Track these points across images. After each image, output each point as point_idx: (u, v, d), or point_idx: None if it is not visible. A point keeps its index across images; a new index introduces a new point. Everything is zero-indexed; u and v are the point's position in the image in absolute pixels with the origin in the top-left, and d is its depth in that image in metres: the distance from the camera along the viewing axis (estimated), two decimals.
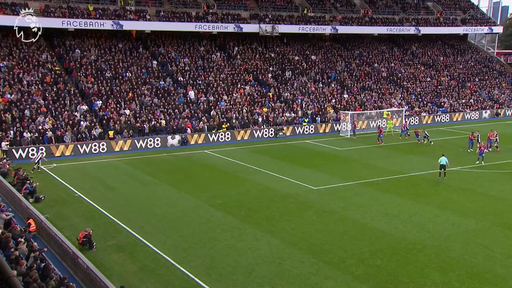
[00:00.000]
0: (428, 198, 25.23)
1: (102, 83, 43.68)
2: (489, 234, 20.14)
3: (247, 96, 48.01)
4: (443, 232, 20.43)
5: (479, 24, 69.32)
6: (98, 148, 36.81)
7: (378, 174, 30.05)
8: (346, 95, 52.34)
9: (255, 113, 45.56)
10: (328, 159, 35.04)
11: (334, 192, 26.48)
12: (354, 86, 54.57)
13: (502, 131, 46.01)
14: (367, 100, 52.19)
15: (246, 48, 56.04)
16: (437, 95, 57.52)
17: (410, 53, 66.28)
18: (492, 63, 68.82)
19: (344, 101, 51.02)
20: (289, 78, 53.03)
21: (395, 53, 64.99)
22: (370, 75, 58.00)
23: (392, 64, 61.84)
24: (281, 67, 54.37)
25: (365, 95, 53.16)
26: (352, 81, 55.66)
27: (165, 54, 50.78)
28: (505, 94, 61.27)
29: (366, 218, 22.12)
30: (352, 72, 57.55)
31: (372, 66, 60.06)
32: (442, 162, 28.90)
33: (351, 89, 53.76)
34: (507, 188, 26.84)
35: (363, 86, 55.27)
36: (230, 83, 49.07)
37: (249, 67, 52.71)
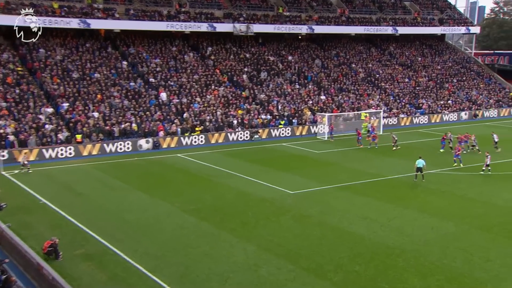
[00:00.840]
0: (406, 201, 25.64)
1: (69, 84, 43.02)
2: (468, 238, 20.59)
3: (221, 98, 47.97)
4: (422, 236, 20.79)
5: (456, 24, 70.97)
6: (65, 152, 36.23)
7: (356, 177, 30.38)
8: (323, 96, 52.82)
9: (230, 115, 45.54)
10: (305, 162, 35.24)
11: (311, 196, 26.64)
12: (331, 87, 55.14)
13: (480, 133, 47.16)
14: (345, 102, 52.78)
15: (220, 48, 56.03)
16: (415, 96, 58.57)
17: (388, 53, 67.37)
18: (470, 64, 70.50)
19: (321, 102, 51.46)
20: (264, 79, 53.22)
21: (373, 54, 65.97)
22: (347, 75, 58.70)
23: (369, 64, 62.74)
24: (257, 68, 54.54)
25: (342, 97, 53.75)
26: (329, 82, 56.22)
27: (136, 54, 50.35)
28: (483, 95, 62.82)
29: (344, 223, 22.34)
30: (329, 73, 58.14)
31: (349, 67, 60.81)
32: (419, 164, 29.37)
33: (328, 90, 54.30)
34: (485, 191, 27.50)
35: (340, 87, 55.88)
36: (203, 85, 48.95)
37: (223, 68, 52.70)
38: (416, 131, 48.21)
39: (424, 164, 29.25)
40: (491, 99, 62.05)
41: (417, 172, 29.37)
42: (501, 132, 47.61)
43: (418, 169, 29.30)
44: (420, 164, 29.25)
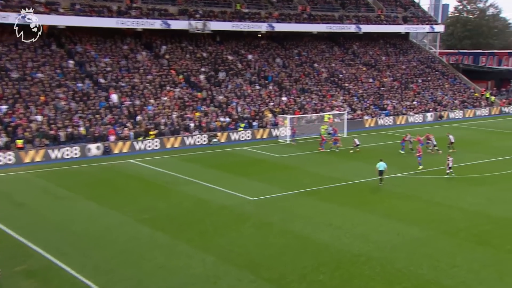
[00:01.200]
0: (372, 206, 26.14)
1: (8, 85, 41.71)
2: (435, 243, 21.16)
3: (177, 99, 47.64)
4: (388, 242, 21.23)
5: (420, 23, 73.09)
6: (3, 159, 35.11)
7: (319, 182, 30.74)
8: (284, 97, 53.25)
9: (186, 118, 45.28)
10: (266, 166, 35.40)
11: (273, 202, 26.77)
12: (293, 88, 55.67)
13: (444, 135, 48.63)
14: (307, 103, 53.37)
15: (175, 47, 55.66)
16: (380, 97, 59.88)
17: (351, 52, 68.65)
18: (434, 64, 72.70)
19: (282, 104, 51.85)
20: (223, 79, 53.21)
21: (336, 53, 67.07)
22: (309, 76, 59.41)
23: (332, 64, 63.73)
24: (214, 68, 54.46)
25: (304, 98, 54.34)
26: (291, 82, 56.75)
27: (83, 52, 49.35)
28: (448, 96, 64.90)
29: (308, 230, 22.55)
30: (291, 73, 58.70)
31: (311, 67, 61.58)
32: (380, 167, 29.97)
33: (290, 91, 54.79)
34: (451, 194, 28.36)
35: (302, 87, 56.50)
36: (157, 86, 48.48)
37: (178, 68, 52.36)
38: (380, 133, 49.26)
39: (385, 167, 29.91)
40: (456, 99, 64.16)
41: (380, 175, 30.01)
42: (466, 134, 49.37)
43: (380, 172, 29.92)
44: (381, 167, 29.89)
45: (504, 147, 41.46)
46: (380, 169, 29.92)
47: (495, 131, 51.22)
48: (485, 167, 34.74)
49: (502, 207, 25.84)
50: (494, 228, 22.86)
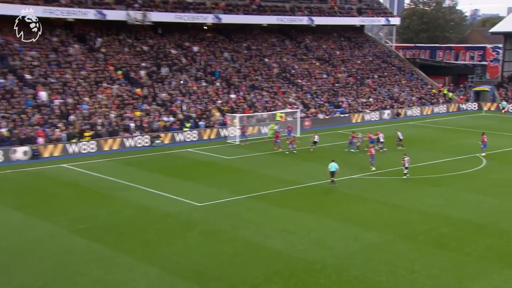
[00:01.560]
0: (327, 210, 26.60)
1: None
2: (393, 248, 21.77)
3: (115, 97, 46.89)
4: (344, 248, 21.68)
5: (375, 15, 74.98)
6: None
7: (272, 186, 30.99)
8: (233, 95, 53.36)
9: (126, 117, 44.67)
10: (215, 170, 35.41)
11: (222, 208, 26.83)
12: (242, 84, 55.87)
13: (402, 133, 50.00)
14: (258, 101, 53.69)
15: (112, 39, 54.74)
16: (334, 94, 60.98)
17: (304, 46, 69.57)
18: (391, 58, 74.73)
19: (231, 102, 51.95)
20: (166, 75, 52.78)
21: (287, 47, 67.80)
22: (260, 71, 59.78)
23: (284, 58, 64.37)
24: (156, 63, 53.95)
25: (255, 95, 54.63)
26: (240, 78, 56.94)
27: (5, 44, 47.75)
28: (405, 92, 66.84)
29: (259, 237, 22.71)
30: (240, 69, 58.88)
31: (262, 61, 61.98)
32: (331, 168, 30.54)
33: (239, 88, 54.97)
34: (409, 196, 29.25)
35: (252, 84, 56.78)
36: (93, 82, 47.57)
37: (116, 63, 51.54)
38: (336, 132, 50.15)
39: (337, 168, 30.52)
40: (414, 96, 66.19)
41: (332, 176, 30.62)
42: (423, 132, 51.00)
43: (332, 173, 30.53)
44: (333, 168, 30.47)
45: (462, 146, 43.10)
46: (332, 170, 30.51)
47: (453, 129, 53.15)
48: (443, 167, 36.00)
49: (460, 209, 26.88)
50: (452, 231, 23.74)
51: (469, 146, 42.14)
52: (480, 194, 29.38)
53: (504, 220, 25.22)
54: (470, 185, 31.47)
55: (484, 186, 31.36)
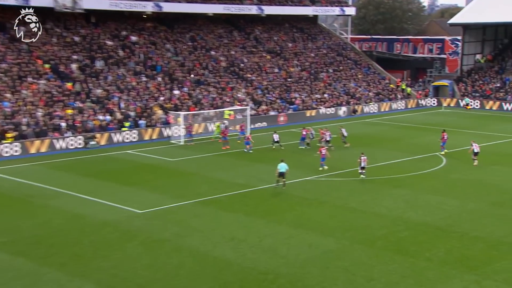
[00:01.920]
0: (280, 216, 26.74)
1: None
2: (350, 255, 22.09)
3: (43, 93, 45.76)
4: (298, 256, 21.83)
5: (329, 4, 75.99)
6: None
7: (220, 189, 30.95)
8: (177, 91, 53.01)
9: (56, 116, 43.68)
10: (157, 173, 35.11)
11: (165, 215, 26.61)
12: (187, 79, 55.54)
13: (359, 131, 50.91)
14: (204, 97, 53.49)
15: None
16: (287, 90, 61.42)
17: (253, 38, 69.79)
18: (346, 51, 75.92)
19: (174, 98, 51.58)
20: (101, 69, 51.90)
21: (236, 38, 67.85)
22: (206, 65, 59.58)
23: (232, 51, 64.39)
24: (90, 55, 52.99)
25: (201, 91, 54.41)
26: (184, 73, 56.59)
27: None
28: (362, 87, 68.04)
29: (207, 246, 22.63)
30: (184, 62, 58.52)
31: (208, 55, 61.80)
32: (281, 169, 30.83)
33: (183, 84, 54.64)
34: (367, 198, 29.76)
35: (198, 79, 56.53)
36: (16, 77, 46.30)
37: (43, 55, 50.27)
38: (288, 131, 50.50)
39: (287, 168, 30.86)
40: (371, 92, 67.47)
41: (279, 177, 30.90)
42: (381, 130, 52.03)
43: (281, 174, 30.81)
44: (282, 169, 30.77)
45: (422, 144, 44.20)
46: (281, 170, 30.77)
47: (412, 126, 54.47)
48: (402, 167, 36.81)
49: (420, 211, 27.54)
50: (412, 235, 24.29)
51: (429, 144, 43.24)
52: (440, 195, 30.18)
53: (464, 222, 26.01)
54: (430, 186, 32.28)
55: (444, 186, 32.25)
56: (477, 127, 52.98)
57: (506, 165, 37.69)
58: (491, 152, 41.35)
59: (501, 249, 22.60)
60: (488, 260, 21.49)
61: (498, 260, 21.50)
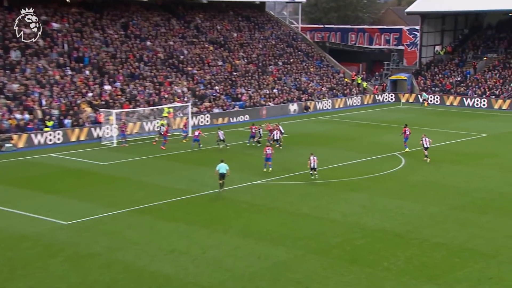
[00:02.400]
0: (226, 224, 26.75)
1: None
2: (303, 266, 22.24)
3: None
4: (246, 268, 21.86)
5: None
6: None
7: (159, 196, 30.73)
8: (108, 86, 52.34)
9: None
10: (86, 179, 34.67)
11: (95, 226, 26.26)
12: (119, 73, 54.87)
13: (312, 130, 51.44)
14: (139, 93, 52.97)
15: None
16: (232, 85, 61.48)
17: (194, 27, 69.56)
18: (297, 42, 76.62)
19: (105, 94, 50.91)
20: (17, 61, 50.67)
21: (174, 27, 67.46)
22: (141, 57, 59.02)
23: (170, 42, 64.00)
24: (3, 45, 51.69)
25: (135, 86, 53.86)
26: (116, 65, 55.87)
27: None
28: (314, 81, 68.78)
29: (144, 260, 22.42)
30: (115, 53, 57.77)
31: (143, 44, 61.20)
32: (221, 170, 31.14)
33: (115, 78, 53.97)
34: (321, 204, 30.08)
35: (132, 73, 55.92)
36: None
37: None
38: (235, 130, 50.56)
39: (227, 169, 31.16)
40: (324, 86, 68.28)
41: (220, 179, 31.23)
42: (335, 129, 52.73)
43: (221, 176, 31.14)
44: (222, 169, 31.08)
45: (379, 143, 45.03)
46: (221, 171, 31.05)
47: (369, 124, 55.41)
48: (359, 169, 37.39)
49: (378, 216, 28.02)
50: (369, 243, 24.68)
51: (387, 144, 44.11)
52: (399, 199, 30.80)
53: (424, 227, 26.58)
54: (388, 189, 32.90)
55: (403, 189, 32.93)
56: (437, 124, 54.39)
57: (468, 165, 38.82)
58: (452, 152, 42.56)
59: (463, 256, 23.22)
60: (449, 268, 22.03)
61: (460, 268, 22.08)
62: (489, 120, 58.14)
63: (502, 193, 32.33)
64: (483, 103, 65.82)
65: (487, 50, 75.13)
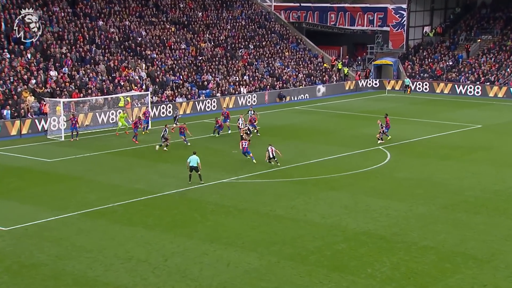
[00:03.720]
0: (191, 228, 26.71)
1: None
2: (277, 273, 22.26)
3: None
4: (214, 277, 21.84)
5: None
6: None
7: (114, 197, 30.65)
8: (53, 71, 51.83)
9: None
10: (29, 178, 34.45)
11: (40, 232, 26.06)
12: (67, 57, 54.34)
13: (286, 121, 51.54)
14: (91, 80, 52.56)
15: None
16: (198, 70, 61.30)
17: (153, 5, 69.12)
18: (269, 22, 76.65)
19: (51, 81, 50.44)
20: None
21: (130, 5, 66.94)
22: (92, 39, 58.49)
23: (126, 21, 63.51)
24: None
25: (86, 72, 53.41)
26: (64, 48, 55.28)
27: None
28: (289, 67, 68.90)
29: (96, 270, 22.29)
30: (62, 34, 57.11)
31: (94, 24, 60.65)
32: (192, 162, 31.91)
33: (63, 62, 53.45)
34: (298, 204, 30.18)
35: (82, 56, 55.43)
36: None
37: None
38: (201, 122, 50.49)
39: (198, 161, 31.92)
40: (300, 73, 68.45)
41: (191, 172, 32.07)
42: (313, 120, 52.91)
43: (192, 168, 31.97)
44: (193, 162, 31.90)
45: (362, 136, 45.31)
46: (192, 164, 31.82)
47: (351, 114, 55.74)
48: (339, 164, 37.63)
49: (361, 218, 28.20)
50: (351, 247, 24.80)
51: (370, 136, 44.37)
52: (384, 198, 31.04)
53: (412, 229, 26.80)
54: (372, 187, 33.14)
55: (389, 187, 33.20)
56: (426, 114, 54.98)
57: (459, 160, 39.29)
58: (441, 145, 43.03)
59: (455, 261, 23.45)
60: (440, 274, 22.22)
61: (452, 274, 22.29)
62: (483, 110, 58.88)
63: (497, 190, 32.75)
64: (476, 91, 66.64)
65: (481, 31, 75.91)
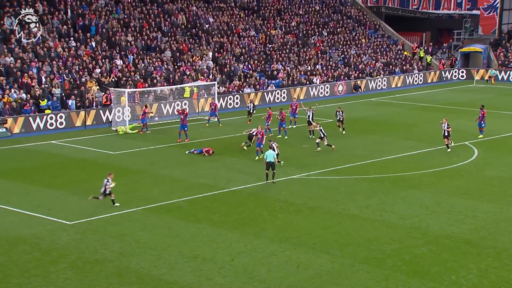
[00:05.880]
0: (259, 226, 26.78)
1: None
2: (350, 277, 22.15)
3: None
4: (283, 279, 21.86)
5: None
6: None
7: (179, 192, 30.97)
8: (119, 60, 52.60)
9: None
10: (93, 171, 34.92)
11: (104, 227, 26.50)
12: (133, 45, 55.08)
13: (362, 114, 51.12)
14: (156, 69, 53.19)
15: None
16: (267, 59, 61.37)
17: None
18: (345, 7, 76.08)
19: (116, 71, 51.22)
20: (12, 29, 50.78)
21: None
22: (159, 26, 59.10)
23: (193, 7, 63.97)
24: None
25: (151, 61, 54.07)
26: (129, 35, 56.04)
27: None
28: (366, 55, 68.27)
29: (160, 268, 22.60)
30: (127, 21, 57.92)
31: (161, 10, 61.27)
32: (268, 158, 31.38)
33: (128, 51, 54.17)
34: (374, 203, 29.95)
35: (147, 45, 56.13)
36: None
37: None
38: None
39: (275, 156, 31.55)
40: (378, 61, 67.75)
41: (268, 170, 31.59)
42: (391, 112, 52.24)
43: (269, 165, 31.40)
44: (270, 158, 31.35)
45: None
46: (269, 160, 31.31)
47: (433, 107, 54.87)
48: (420, 161, 37.16)
49: (443, 219, 27.75)
50: (432, 251, 24.43)
51: (456, 131, 43.51)
52: (470, 199, 30.48)
53: (502, 234, 26.24)
54: (457, 186, 32.61)
55: (476, 187, 32.58)
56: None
57: None
58: None
59: None
60: None
61: None
62: None
63: None
64: None
65: None
